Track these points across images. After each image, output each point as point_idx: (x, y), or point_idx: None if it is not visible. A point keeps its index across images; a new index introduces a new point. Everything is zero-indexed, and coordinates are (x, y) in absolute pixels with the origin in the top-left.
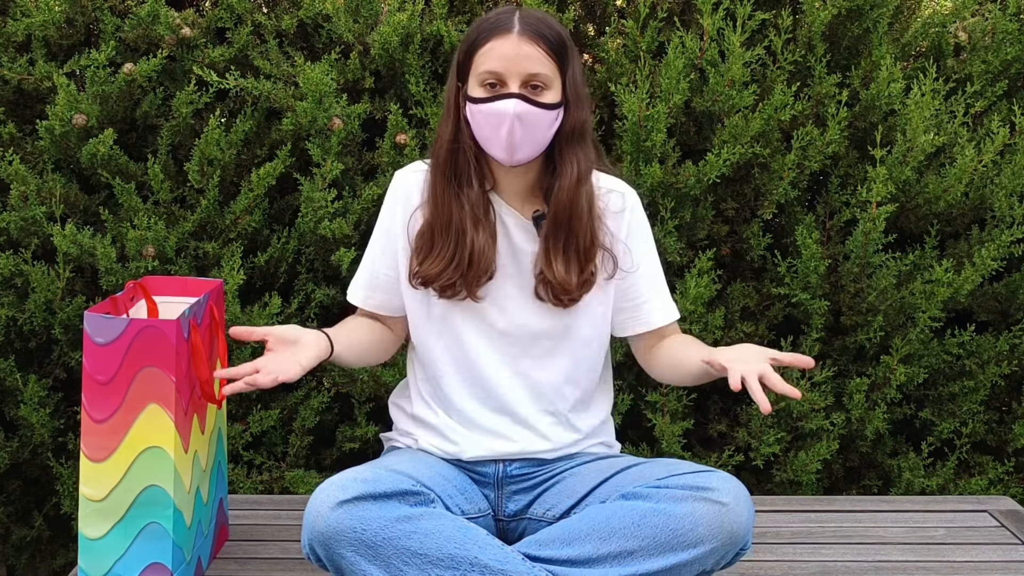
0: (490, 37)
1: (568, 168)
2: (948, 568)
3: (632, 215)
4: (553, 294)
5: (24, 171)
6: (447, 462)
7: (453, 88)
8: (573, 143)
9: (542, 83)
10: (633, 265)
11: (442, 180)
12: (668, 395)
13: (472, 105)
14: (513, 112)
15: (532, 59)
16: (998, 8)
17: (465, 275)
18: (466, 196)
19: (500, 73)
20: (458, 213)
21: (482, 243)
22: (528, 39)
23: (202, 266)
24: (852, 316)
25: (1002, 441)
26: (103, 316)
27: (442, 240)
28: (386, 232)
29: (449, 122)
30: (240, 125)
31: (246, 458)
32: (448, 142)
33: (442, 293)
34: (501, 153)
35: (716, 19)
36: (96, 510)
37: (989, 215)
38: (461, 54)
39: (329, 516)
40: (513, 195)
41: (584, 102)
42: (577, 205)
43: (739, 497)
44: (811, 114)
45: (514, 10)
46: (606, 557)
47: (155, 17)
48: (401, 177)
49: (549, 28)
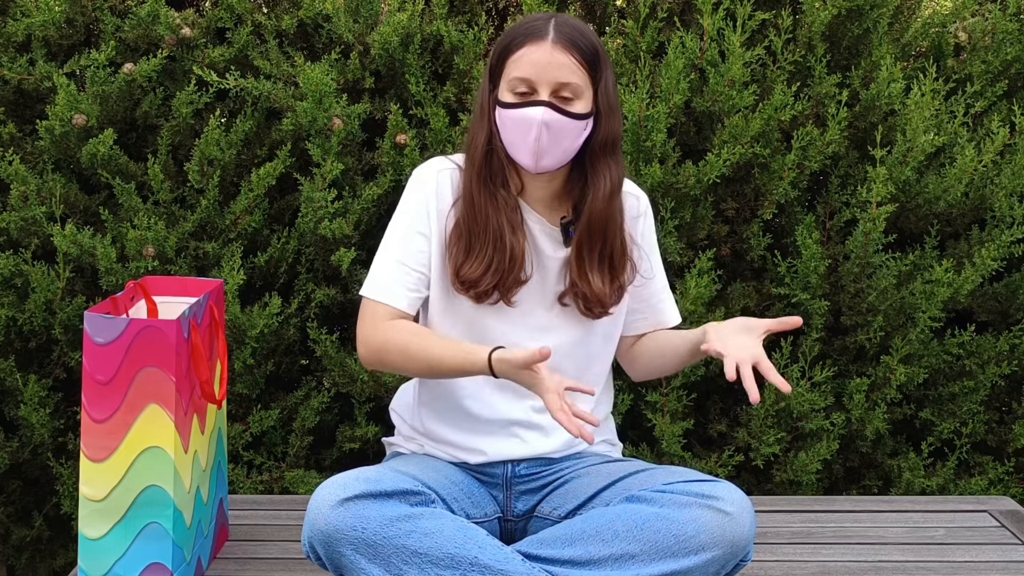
0: (524, 43)
1: (601, 180)
2: (948, 568)
3: (646, 220)
4: (586, 306)
5: (24, 171)
6: (454, 465)
7: (486, 91)
8: (606, 154)
9: (572, 93)
10: (651, 271)
11: (478, 182)
12: (668, 395)
13: (501, 110)
14: (541, 119)
15: (564, 68)
16: (998, 8)
17: (504, 279)
18: (502, 199)
19: (531, 80)
20: (495, 216)
21: (520, 247)
22: (562, 48)
23: (202, 266)
24: (852, 316)
25: (1002, 441)
26: (103, 316)
27: (480, 243)
28: (419, 229)
29: (483, 125)
30: (240, 125)
31: (246, 458)
32: (483, 145)
33: (478, 299)
34: (527, 159)
35: (716, 19)
36: (96, 510)
37: (989, 215)
38: (494, 58)
39: (329, 514)
40: (538, 202)
41: (616, 114)
42: (611, 217)
43: (743, 508)
44: (811, 114)
45: (550, 17)
46: (607, 559)
47: (155, 17)
48: (429, 174)
49: (583, 37)
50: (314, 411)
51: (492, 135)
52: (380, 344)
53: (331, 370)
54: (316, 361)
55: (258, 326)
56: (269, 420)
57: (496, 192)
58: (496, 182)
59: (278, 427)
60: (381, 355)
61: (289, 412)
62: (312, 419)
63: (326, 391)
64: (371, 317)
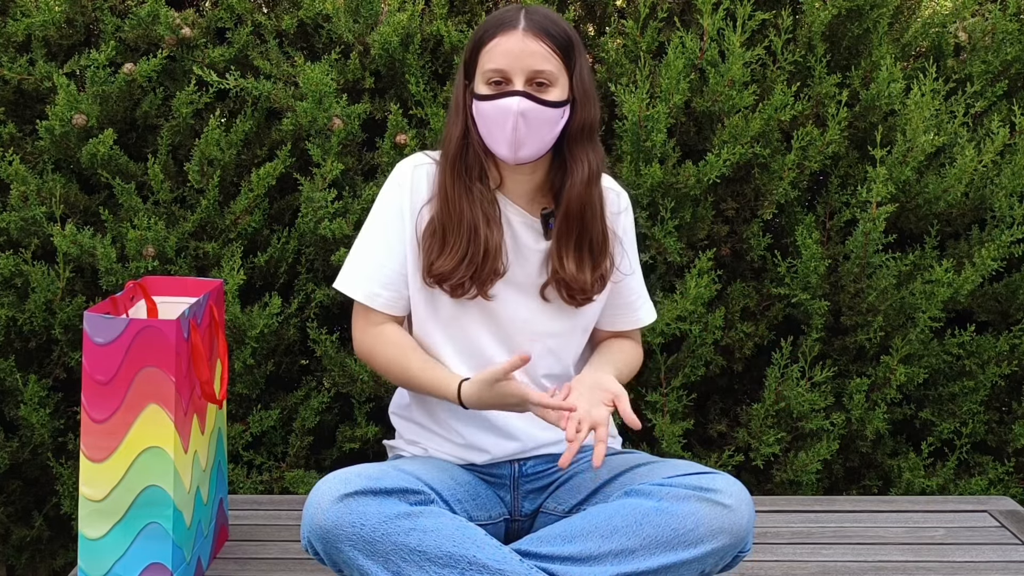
0: (496, 34)
1: (579, 166)
2: (948, 568)
3: (626, 217)
4: (567, 293)
5: (24, 171)
6: (460, 467)
7: (461, 86)
8: (583, 141)
9: (547, 80)
10: (630, 268)
11: (453, 176)
12: (668, 395)
13: (478, 102)
14: (517, 109)
15: (537, 56)
16: (998, 8)
17: (478, 272)
18: (477, 193)
19: (505, 70)
20: (470, 210)
21: (495, 240)
22: (533, 36)
23: (202, 266)
24: (852, 316)
25: (1002, 441)
26: (103, 316)
27: (454, 237)
28: (392, 225)
29: (458, 120)
30: (240, 125)
31: (246, 458)
32: (458, 140)
33: (453, 292)
34: (505, 150)
35: (716, 19)
36: (96, 510)
37: (989, 215)
38: (468, 52)
39: (329, 510)
40: (520, 195)
41: (592, 100)
42: (590, 203)
43: (741, 500)
44: (811, 114)
45: (520, 8)
46: (607, 554)
47: (155, 17)
48: (406, 170)
49: (554, 25)
50: (314, 411)
51: (467, 130)
52: (367, 352)
53: (331, 370)
54: (316, 361)
55: (258, 326)
56: (269, 420)
57: (472, 186)
58: (472, 176)
59: (278, 427)
60: (368, 361)
61: (289, 412)
62: (312, 419)
63: (326, 391)
64: (362, 318)
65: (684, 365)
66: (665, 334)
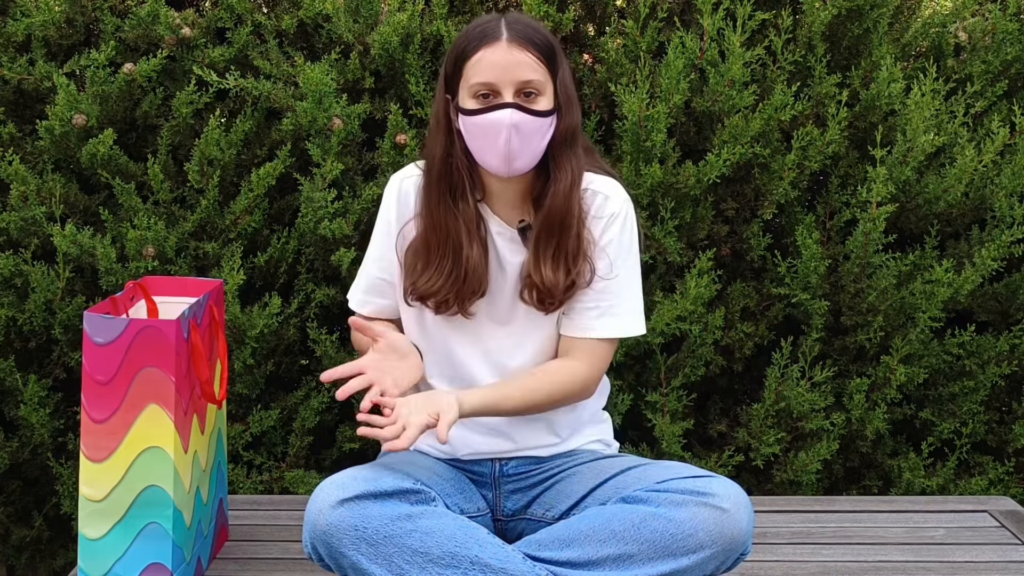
0: (479, 47)
1: (564, 174)
2: (948, 568)
3: (613, 221)
4: (538, 298)
5: (24, 171)
6: (443, 462)
7: (442, 101)
8: (566, 148)
9: (536, 89)
10: (611, 272)
11: (437, 195)
12: (668, 395)
13: (465, 117)
14: (509, 122)
15: (524, 66)
16: (998, 8)
17: (460, 291)
18: (461, 211)
19: (493, 83)
20: (454, 227)
21: (476, 258)
22: (518, 46)
23: (202, 266)
24: (852, 316)
25: (1002, 441)
26: (103, 316)
27: (439, 255)
28: (384, 238)
29: (440, 136)
30: (240, 125)
31: (246, 458)
32: (441, 158)
33: (437, 308)
34: (498, 164)
35: (716, 19)
36: (96, 510)
37: (989, 215)
38: (449, 66)
39: (330, 514)
40: (503, 205)
41: (574, 105)
42: (570, 210)
43: (739, 503)
44: (811, 114)
45: (499, 17)
46: (605, 560)
47: (155, 17)
48: (397, 184)
49: (537, 33)
50: (314, 411)
51: (451, 146)
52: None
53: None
54: (316, 361)
55: (258, 326)
56: (269, 420)
57: (456, 204)
58: (455, 194)
59: (278, 427)
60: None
61: (289, 412)
62: (312, 419)
63: (326, 391)
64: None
65: (684, 365)
66: (665, 334)
